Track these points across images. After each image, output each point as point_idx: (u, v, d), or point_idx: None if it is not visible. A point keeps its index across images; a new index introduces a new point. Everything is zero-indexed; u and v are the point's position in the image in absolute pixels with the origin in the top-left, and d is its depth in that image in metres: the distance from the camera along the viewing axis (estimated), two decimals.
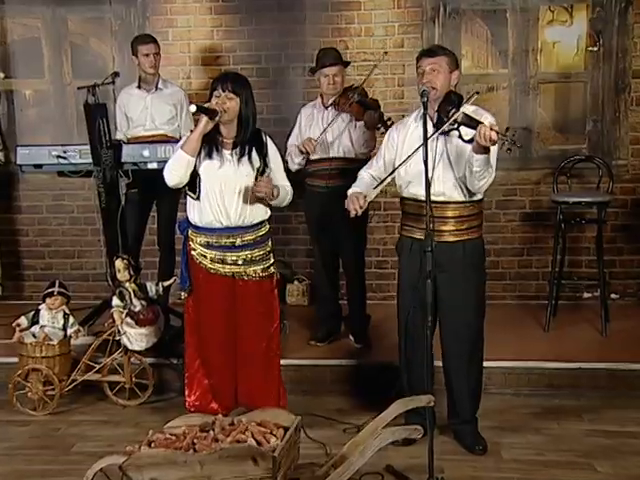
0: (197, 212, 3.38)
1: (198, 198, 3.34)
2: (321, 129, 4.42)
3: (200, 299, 3.47)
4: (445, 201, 3.30)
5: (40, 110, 5.98)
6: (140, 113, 4.88)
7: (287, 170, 3.78)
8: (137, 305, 4.05)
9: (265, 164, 3.40)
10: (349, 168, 4.35)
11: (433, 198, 3.14)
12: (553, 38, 5.68)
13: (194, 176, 3.32)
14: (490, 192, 4.50)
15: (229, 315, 3.46)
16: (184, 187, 3.39)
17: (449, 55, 3.32)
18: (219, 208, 3.33)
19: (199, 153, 3.32)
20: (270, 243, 3.52)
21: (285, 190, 3.50)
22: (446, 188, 3.28)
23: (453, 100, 3.19)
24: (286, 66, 5.50)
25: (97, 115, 4.24)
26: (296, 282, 5.63)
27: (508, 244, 5.49)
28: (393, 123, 4.14)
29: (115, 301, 4.06)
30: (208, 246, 3.38)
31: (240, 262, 3.38)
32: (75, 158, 4.33)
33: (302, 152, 4.38)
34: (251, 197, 3.35)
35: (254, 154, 3.38)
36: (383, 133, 4.18)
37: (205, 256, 3.39)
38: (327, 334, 4.67)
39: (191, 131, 3.36)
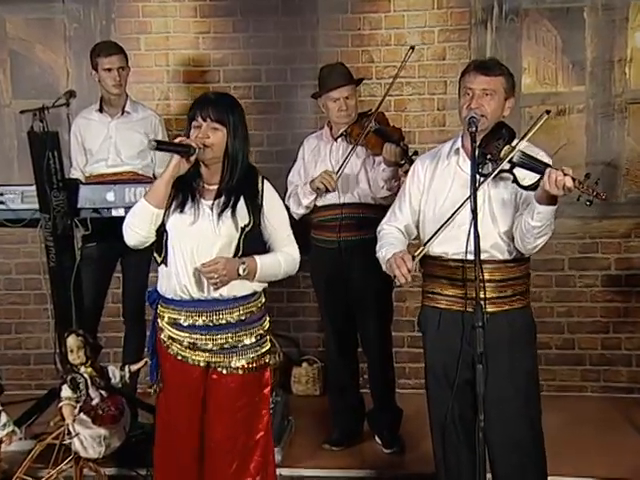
0: (164, 278, 3.32)
1: (164, 262, 3.29)
2: (329, 167, 4.48)
3: (168, 396, 3.40)
4: (485, 260, 3.26)
5: None
6: (102, 144, 4.96)
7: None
8: (95, 397, 4.04)
9: (255, 220, 3.28)
10: (366, 217, 4.41)
11: (470, 257, 3.16)
12: None
13: (161, 233, 3.27)
14: (561, 247, 4.51)
15: (196, 424, 3.36)
16: (151, 247, 3.35)
17: (508, 76, 3.34)
18: (189, 275, 3.26)
19: (169, 203, 3.26)
20: (266, 323, 3.41)
21: (277, 261, 3.37)
22: (486, 245, 3.24)
23: (504, 135, 3.22)
24: (293, 85, 5.61)
25: (45, 147, 4.31)
26: (305, 365, 5.65)
27: (587, 317, 5.49)
28: None
29: (65, 391, 4.06)
30: (177, 325, 3.30)
31: (216, 348, 3.28)
32: (15, 202, 4.39)
33: (318, 189, 4.42)
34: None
35: (241, 206, 3.28)
36: (407, 172, 4.24)
37: (174, 339, 3.33)
38: (345, 435, 4.68)
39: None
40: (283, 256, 3.38)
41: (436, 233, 3.30)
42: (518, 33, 5.53)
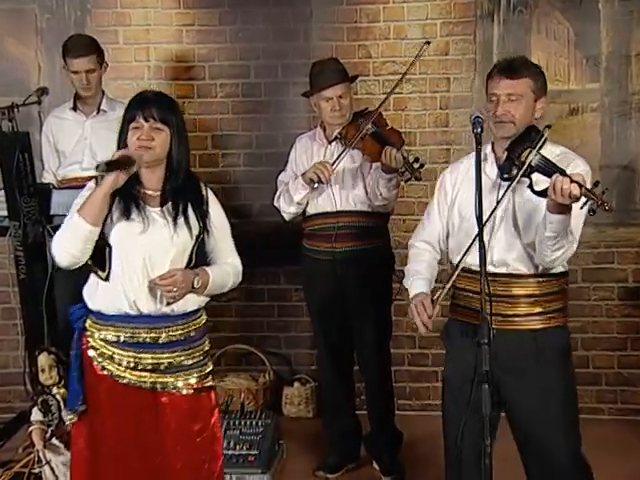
0: (105, 294, 3.26)
1: (108, 278, 3.24)
2: None
3: (102, 425, 3.30)
4: (509, 274, 3.31)
5: None
6: (76, 145, 4.94)
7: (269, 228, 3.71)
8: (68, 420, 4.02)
9: (206, 229, 3.31)
10: (363, 226, 4.42)
11: (492, 269, 3.20)
12: None
13: (102, 247, 3.22)
14: (573, 257, 4.44)
15: (148, 453, 3.30)
16: (91, 265, 3.27)
17: (536, 76, 3.32)
18: (139, 289, 3.22)
19: (109, 213, 3.19)
20: (207, 342, 3.41)
21: (226, 272, 3.39)
22: (510, 257, 3.28)
23: (532, 138, 3.22)
24: (284, 82, 5.61)
25: (15, 148, 4.31)
26: (297, 384, 5.64)
27: (602, 333, 5.48)
28: (423, 166, 4.18)
29: (36, 415, 4.05)
30: (118, 344, 3.25)
31: (164, 367, 3.26)
32: None
33: (312, 181, 4.37)
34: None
35: (190, 213, 3.29)
36: (408, 180, 4.25)
37: (112, 358, 3.26)
38: (341, 461, 4.68)
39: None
40: (230, 268, 3.40)
41: (465, 252, 3.27)
42: (527, 26, 5.52)
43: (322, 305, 4.62)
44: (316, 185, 4.37)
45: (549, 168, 3.09)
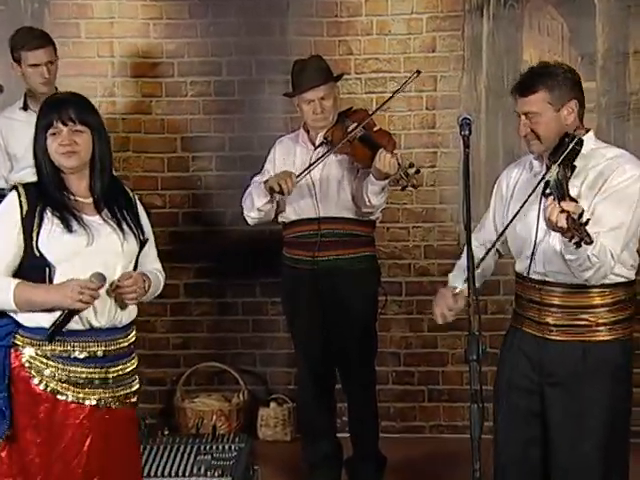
0: (47, 311, 3.22)
1: None
2: (308, 178, 4.42)
3: (39, 448, 3.23)
4: (549, 282, 3.37)
5: None
6: (28, 148, 4.80)
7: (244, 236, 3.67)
8: None
9: (143, 233, 3.37)
10: (348, 233, 4.43)
11: (534, 277, 3.35)
12: None
13: (41, 268, 3.18)
14: None
15: (90, 473, 3.27)
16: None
17: (552, 84, 3.32)
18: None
19: (36, 229, 3.16)
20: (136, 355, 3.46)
21: (158, 278, 3.46)
22: (550, 267, 3.33)
23: (566, 144, 3.21)
24: (259, 79, 5.60)
25: None
26: (273, 405, 5.61)
27: None
28: (419, 172, 4.21)
29: None
30: (62, 359, 3.23)
31: (111, 381, 3.29)
32: None
33: (274, 191, 4.35)
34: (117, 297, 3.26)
35: (129, 218, 3.34)
36: (404, 188, 4.24)
37: (52, 376, 3.23)
38: None
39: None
40: (160, 274, 3.47)
41: (489, 250, 3.44)
42: (518, 21, 5.53)
43: (302, 319, 4.60)
44: (277, 197, 4.37)
45: (558, 189, 3.07)
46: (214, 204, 5.68)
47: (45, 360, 3.23)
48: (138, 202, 3.45)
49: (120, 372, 3.31)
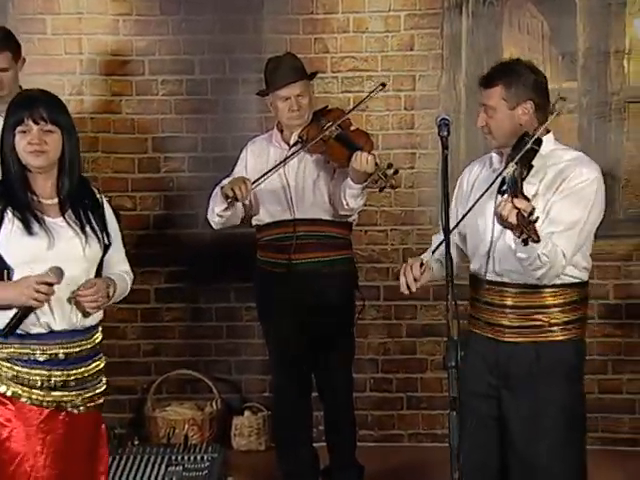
0: (5, 315, 3.21)
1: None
2: (283, 179, 4.46)
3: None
4: (503, 282, 3.43)
5: None
6: None
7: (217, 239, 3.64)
8: None
9: (109, 237, 3.37)
10: (324, 235, 4.45)
11: (490, 277, 3.40)
12: None
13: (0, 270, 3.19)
14: None
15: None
16: None
17: (510, 82, 3.41)
18: (52, 307, 3.22)
19: None
20: (103, 356, 3.46)
21: (125, 280, 3.47)
22: (505, 265, 3.39)
23: (522, 143, 3.29)
24: (233, 78, 5.60)
25: None
26: (247, 414, 5.60)
27: None
28: (397, 172, 4.23)
29: None
30: (22, 362, 3.23)
31: (73, 383, 3.29)
32: None
33: (228, 197, 4.34)
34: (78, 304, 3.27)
35: (93, 221, 3.34)
36: (382, 189, 4.28)
37: (12, 378, 3.23)
38: None
39: None
40: (127, 276, 3.48)
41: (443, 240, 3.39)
42: (498, 19, 5.55)
43: (276, 324, 4.61)
44: (230, 201, 4.35)
45: (512, 186, 3.15)
46: (186, 206, 5.66)
47: (5, 362, 3.24)
48: (107, 205, 3.45)
49: (83, 374, 3.32)
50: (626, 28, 5.51)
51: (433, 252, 3.50)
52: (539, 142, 3.31)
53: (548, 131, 3.46)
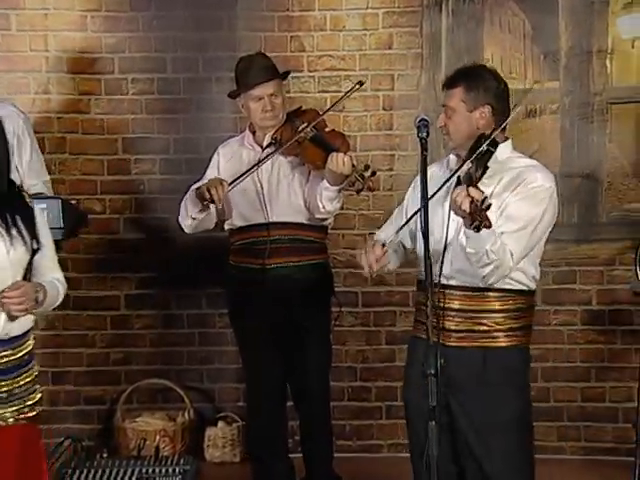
0: None
1: None
2: (256, 182, 4.45)
3: None
4: (451, 285, 3.47)
5: None
6: None
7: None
8: None
9: (38, 242, 3.35)
10: (299, 239, 4.44)
11: (439, 280, 3.39)
12: (633, 33, 5.67)
13: None
14: None
15: None
16: None
17: (471, 85, 3.49)
18: None
19: None
20: (36, 365, 3.44)
21: (57, 288, 3.45)
22: (455, 265, 3.43)
23: (480, 143, 3.36)
24: (206, 77, 5.60)
25: None
26: (221, 424, 5.60)
27: (564, 362, 5.53)
28: (375, 174, 4.23)
29: None
30: None
31: (5, 395, 3.27)
32: None
33: (204, 199, 4.33)
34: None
35: (21, 225, 3.32)
36: (360, 191, 4.26)
37: None
38: None
39: None
40: (60, 284, 3.45)
41: (404, 224, 3.56)
42: (479, 17, 5.57)
43: (251, 332, 4.58)
44: (206, 203, 4.33)
45: (467, 180, 3.25)
46: (158, 210, 5.64)
47: None
48: (39, 211, 3.43)
49: (12, 386, 3.28)
50: (609, 27, 5.54)
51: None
52: (495, 144, 3.37)
53: (507, 138, 3.55)
